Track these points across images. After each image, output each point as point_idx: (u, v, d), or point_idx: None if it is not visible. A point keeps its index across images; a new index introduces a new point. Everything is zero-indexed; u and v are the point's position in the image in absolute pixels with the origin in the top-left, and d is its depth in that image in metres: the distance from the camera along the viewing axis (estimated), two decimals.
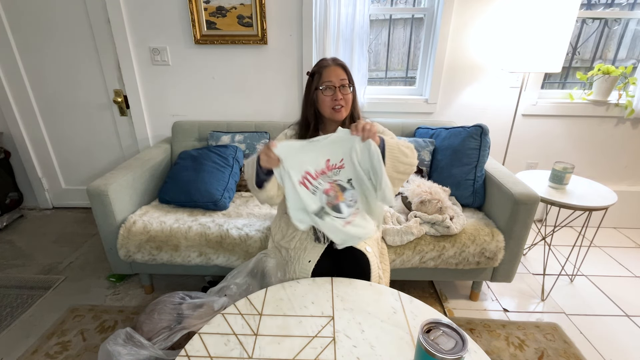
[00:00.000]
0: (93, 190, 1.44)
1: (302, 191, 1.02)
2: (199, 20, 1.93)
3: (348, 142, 1.01)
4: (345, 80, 1.17)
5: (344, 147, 1.02)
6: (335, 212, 1.02)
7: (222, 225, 1.49)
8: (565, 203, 1.55)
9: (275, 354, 0.81)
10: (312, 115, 1.22)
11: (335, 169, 1.05)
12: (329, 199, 1.03)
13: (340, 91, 1.15)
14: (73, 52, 2.09)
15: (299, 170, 1.02)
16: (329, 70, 1.16)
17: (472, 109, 2.15)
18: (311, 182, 1.03)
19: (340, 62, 1.19)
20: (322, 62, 1.20)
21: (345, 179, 1.04)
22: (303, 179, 1.03)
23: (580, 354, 1.38)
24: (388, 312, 0.94)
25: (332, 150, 1.03)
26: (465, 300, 1.68)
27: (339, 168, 1.04)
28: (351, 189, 1.04)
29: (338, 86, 1.15)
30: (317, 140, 1.03)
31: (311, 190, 1.03)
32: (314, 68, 1.21)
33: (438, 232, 1.44)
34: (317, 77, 1.18)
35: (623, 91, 2.10)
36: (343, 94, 1.16)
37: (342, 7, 1.84)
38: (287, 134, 1.30)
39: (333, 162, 1.04)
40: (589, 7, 2.08)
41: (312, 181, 1.03)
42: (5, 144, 2.30)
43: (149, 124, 2.22)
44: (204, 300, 1.19)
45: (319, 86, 1.17)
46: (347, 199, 1.03)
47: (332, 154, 1.04)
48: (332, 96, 1.16)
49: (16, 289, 1.72)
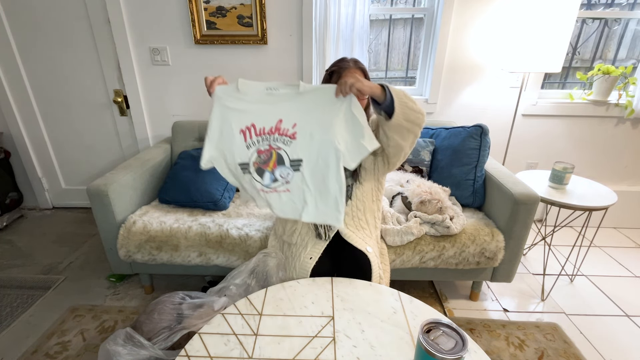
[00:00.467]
0: (93, 190, 1.44)
1: (238, 139, 0.94)
2: (199, 20, 1.93)
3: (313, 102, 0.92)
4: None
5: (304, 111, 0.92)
6: (257, 175, 0.95)
7: (222, 225, 1.49)
8: (565, 203, 1.55)
9: (275, 354, 0.81)
10: None
11: (284, 136, 0.94)
12: (258, 160, 0.95)
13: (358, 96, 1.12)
14: (73, 52, 2.09)
15: (244, 118, 0.93)
16: (348, 71, 1.12)
17: (472, 109, 2.15)
18: (252, 136, 0.95)
19: (362, 65, 1.15)
20: (342, 63, 1.15)
21: (294, 156, 0.94)
22: (246, 128, 0.94)
23: (580, 354, 1.38)
24: (388, 312, 0.94)
25: (289, 109, 0.93)
26: (465, 300, 1.68)
27: (290, 137, 0.94)
28: (290, 170, 0.94)
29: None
30: (276, 89, 0.93)
31: (247, 144, 0.95)
32: (333, 67, 1.16)
33: (438, 232, 1.44)
34: (335, 77, 1.13)
35: (623, 91, 2.10)
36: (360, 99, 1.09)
37: (342, 7, 1.84)
38: None
39: (285, 126, 0.94)
40: (589, 7, 2.08)
41: (254, 136, 0.95)
42: (5, 144, 2.30)
43: (149, 124, 2.22)
44: (204, 300, 1.19)
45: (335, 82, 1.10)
46: (276, 173, 0.95)
47: (287, 114, 0.93)
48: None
49: (16, 289, 1.72)
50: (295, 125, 0.94)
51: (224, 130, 0.95)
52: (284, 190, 0.94)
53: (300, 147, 0.94)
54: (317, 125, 0.93)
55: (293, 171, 0.95)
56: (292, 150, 0.94)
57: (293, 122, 0.94)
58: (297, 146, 0.94)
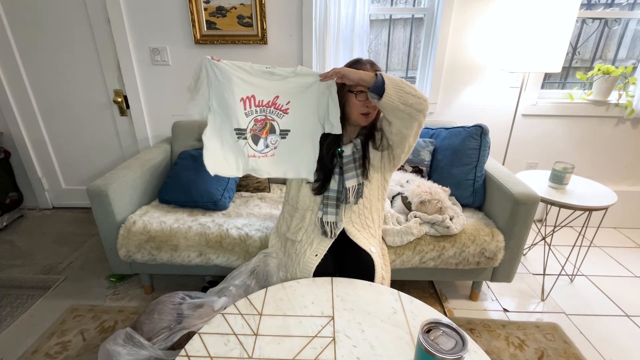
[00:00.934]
0: (93, 190, 1.44)
1: (239, 106, 1.07)
2: (199, 20, 1.93)
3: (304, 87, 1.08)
4: None
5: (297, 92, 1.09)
6: (252, 142, 1.10)
7: (222, 225, 1.49)
8: (565, 203, 1.55)
9: (275, 354, 0.81)
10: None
11: (278, 110, 1.11)
12: (255, 127, 1.10)
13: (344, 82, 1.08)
14: (73, 52, 2.09)
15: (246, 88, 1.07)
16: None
17: (472, 109, 2.15)
18: (251, 105, 1.09)
19: (377, 67, 1.13)
20: (359, 65, 1.12)
21: (283, 126, 1.12)
22: (247, 98, 1.08)
23: (580, 354, 1.38)
24: (388, 312, 0.94)
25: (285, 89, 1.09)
26: (465, 300, 1.68)
27: (283, 111, 1.11)
28: (279, 137, 1.12)
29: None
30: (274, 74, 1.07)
31: (246, 112, 1.09)
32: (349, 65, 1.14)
33: (438, 232, 1.44)
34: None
35: (623, 91, 2.10)
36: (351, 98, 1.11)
37: (342, 7, 1.84)
38: None
39: (280, 102, 1.10)
40: (589, 7, 2.08)
41: (252, 106, 1.09)
42: (5, 144, 2.30)
43: (149, 124, 2.22)
44: (204, 300, 1.19)
45: (352, 89, 1.10)
46: (268, 139, 1.11)
47: (283, 93, 1.09)
48: (364, 102, 1.10)
49: (16, 289, 1.72)
50: (289, 103, 1.11)
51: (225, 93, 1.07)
52: (271, 155, 1.12)
53: (290, 120, 1.12)
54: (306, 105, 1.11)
55: (280, 139, 1.12)
56: (283, 122, 1.12)
57: (287, 100, 1.10)
58: (288, 120, 1.12)
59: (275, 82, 1.08)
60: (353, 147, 1.17)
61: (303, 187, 1.21)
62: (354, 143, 1.18)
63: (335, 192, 1.18)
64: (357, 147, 1.17)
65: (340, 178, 1.17)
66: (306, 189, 1.21)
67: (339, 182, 1.17)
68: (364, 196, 1.20)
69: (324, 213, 1.18)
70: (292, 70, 1.08)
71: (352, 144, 1.18)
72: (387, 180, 1.26)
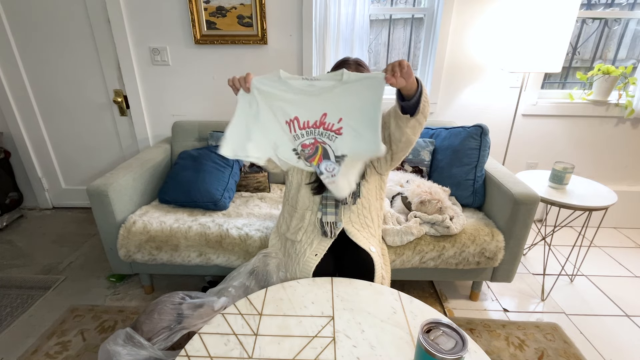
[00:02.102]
0: (93, 190, 1.44)
1: (285, 129, 0.89)
2: (199, 20, 1.93)
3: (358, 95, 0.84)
4: None
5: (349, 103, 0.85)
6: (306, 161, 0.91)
7: (222, 225, 1.49)
8: (565, 203, 1.55)
9: (275, 354, 0.81)
10: None
11: (330, 132, 0.88)
12: (303, 154, 0.90)
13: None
14: (73, 52, 2.09)
15: (287, 109, 0.88)
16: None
17: (472, 109, 2.15)
18: (296, 129, 0.90)
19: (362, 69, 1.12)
20: (344, 64, 1.13)
21: (338, 151, 0.88)
22: (290, 121, 0.89)
23: (580, 354, 1.38)
24: (388, 312, 0.94)
25: (333, 102, 0.86)
26: (465, 300, 1.68)
27: (336, 133, 0.87)
28: (336, 165, 0.87)
29: None
30: (317, 79, 0.86)
31: (293, 136, 0.91)
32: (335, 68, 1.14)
33: (438, 232, 1.44)
34: None
35: (623, 91, 2.10)
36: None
37: (342, 7, 1.84)
38: None
39: (330, 121, 0.88)
40: (589, 7, 2.08)
41: (297, 130, 0.90)
42: (5, 144, 2.30)
43: (149, 124, 2.22)
44: (204, 300, 1.19)
45: None
46: (322, 167, 0.89)
47: (331, 107, 0.86)
48: None
49: (16, 289, 1.72)
50: (341, 120, 0.87)
51: (266, 120, 0.90)
52: (330, 182, 0.90)
53: (345, 143, 0.88)
54: (362, 122, 0.85)
55: (338, 166, 0.89)
56: (337, 146, 0.88)
57: (338, 117, 0.87)
58: (343, 142, 0.88)
59: (318, 95, 0.87)
60: None
61: (302, 188, 1.21)
62: None
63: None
64: None
65: None
66: (305, 189, 1.21)
67: None
68: (362, 196, 1.20)
69: (323, 213, 1.18)
70: (338, 77, 0.85)
71: None
72: (384, 180, 1.26)
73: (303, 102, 0.87)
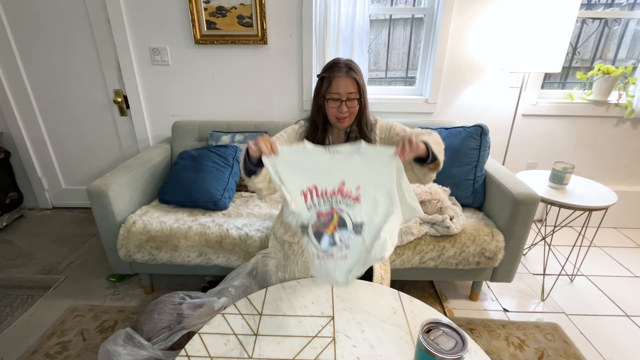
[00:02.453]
0: (93, 190, 1.44)
1: (299, 201, 0.89)
2: (199, 20, 1.93)
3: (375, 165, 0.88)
4: (354, 93, 1.10)
5: (366, 172, 0.89)
6: (315, 238, 0.87)
7: (222, 225, 1.49)
8: (565, 203, 1.55)
9: (275, 354, 0.81)
10: (320, 119, 1.17)
11: (348, 198, 0.89)
12: (317, 223, 0.88)
13: (347, 104, 1.10)
14: (73, 52, 2.09)
15: (307, 178, 0.90)
16: (339, 81, 1.09)
17: (472, 109, 2.15)
18: (313, 198, 0.90)
19: (353, 74, 1.10)
20: (333, 70, 1.11)
21: (357, 219, 0.87)
22: (307, 190, 0.90)
23: (580, 354, 1.38)
24: (388, 312, 0.94)
25: (352, 170, 0.90)
26: (465, 300, 1.68)
27: (354, 200, 0.89)
28: (352, 234, 0.85)
29: (344, 100, 1.10)
30: (338, 151, 0.90)
31: (308, 206, 0.90)
32: (325, 72, 1.13)
33: (438, 232, 1.44)
34: (326, 84, 1.11)
35: (623, 91, 2.10)
36: (349, 107, 1.11)
37: (342, 7, 1.84)
38: (296, 130, 1.24)
39: (348, 188, 0.89)
40: (589, 7, 2.08)
41: (315, 198, 0.90)
42: (5, 144, 2.30)
43: (149, 124, 2.22)
44: (204, 300, 1.19)
45: (325, 95, 1.12)
46: (336, 237, 0.86)
47: (350, 175, 0.89)
48: (337, 108, 1.11)
49: (16, 289, 1.72)
50: (359, 188, 0.89)
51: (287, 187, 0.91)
52: (342, 257, 0.85)
53: (364, 210, 0.88)
54: (380, 189, 0.89)
55: (355, 235, 0.86)
56: (355, 213, 0.88)
57: (357, 184, 0.89)
58: (362, 209, 0.88)
59: (338, 164, 0.90)
60: None
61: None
62: None
63: None
64: None
65: None
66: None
67: None
68: None
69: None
70: (357, 148, 0.90)
71: None
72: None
73: (322, 170, 0.90)
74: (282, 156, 0.91)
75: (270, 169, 0.90)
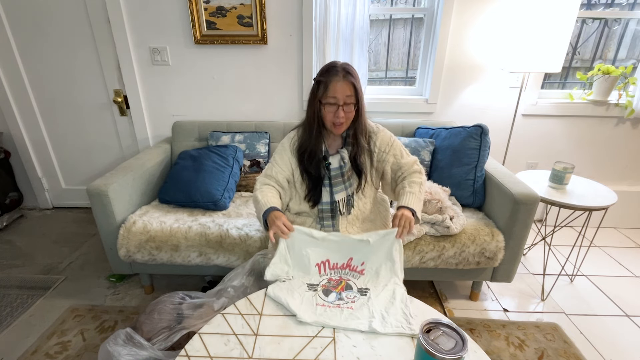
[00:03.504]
0: (93, 190, 1.44)
1: (314, 270, 1.09)
2: (199, 20, 1.93)
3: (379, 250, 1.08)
4: (351, 97, 1.08)
5: (370, 252, 1.08)
6: (323, 294, 1.01)
7: (222, 225, 1.49)
8: (565, 203, 1.55)
9: (275, 354, 0.81)
10: (315, 123, 1.15)
11: (354, 272, 1.09)
12: (328, 284, 1.05)
13: (343, 109, 1.09)
14: (73, 52, 2.09)
15: (321, 253, 1.10)
16: (336, 85, 1.07)
17: (472, 109, 2.15)
18: (326, 269, 1.10)
19: (351, 78, 1.08)
20: (330, 74, 1.09)
21: (361, 286, 1.05)
22: (322, 262, 1.10)
23: (580, 354, 1.38)
24: None
25: (358, 250, 1.09)
26: (465, 300, 1.68)
27: (359, 272, 1.09)
28: (358, 296, 1.00)
29: (341, 104, 1.08)
30: (346, 238, 1.10)
31: (321, 274, 1.09)
32: (321, 76, 1.11)
33: (438, 232, 1.44)
34: (322, 88, 1.09)
35: (623, 91, 2.10)
36: (345, 112, 1.09)
37: (342, 7, 1.84)
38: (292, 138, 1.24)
39: (355, 264, 1.10)
40: (589, 7, 2.08)
41: (327, 270, 1.10)
42: (5, 144, 2.30)
43: (149, 124, 2.22)
44: (204, 300, 1.19)
45: (322, 100, 1.10)
46: (343, 295, 1.01)
47: (357, 254, 1.10)
48: (334, 113, 1.10)
49: (16, 289, 1.72)
50: (364, 264, 1.09)
51: (300, 259, 1.10)
52: (348, 308, 0.97)
53: (367, 280, 1.07)
54: (381, 265, 1.09)
55: (360, 295, 1.02)
56: (360, 282, 1.07)
57: (362, 261, 1.10)
58: (365, 280, 1.07)
59: (348, 246, 1.09)
60: (340, 159, 1.18)
61: (303, 203, 1.24)
62: (340, 154, 1.18)
63: (328, 204, 1.19)
64: (344, 160, 1.17)
65: (330, 190, 1.19)
66: (306, 204, 1.23)
67: (330, 195, 1.19)
68: (358, 208, 1.22)
69: (321, 226, 1.20)
70: (366, 240, 1.08)
71: (339, 156, 1.18)
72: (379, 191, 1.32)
73: (335, 248, 1.10)
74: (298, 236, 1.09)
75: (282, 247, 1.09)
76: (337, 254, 1.10)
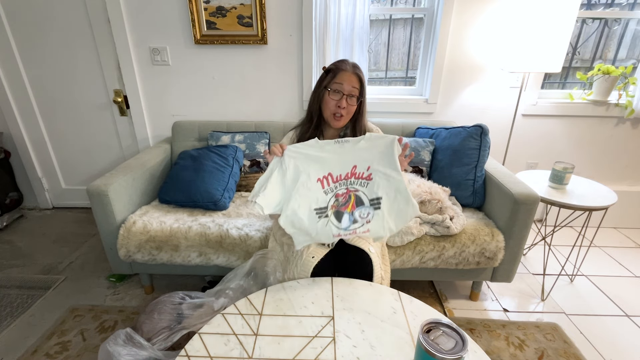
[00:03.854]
0: (93, 190, 1.44)
1: (316, 187, 0.99)
2: (199, 20, 1.93)
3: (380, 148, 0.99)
4: (356, 90, 1.13)
5: (374, 154, 1.00)
6: (335, 219, 0.96)
7: (222, 225, 1.49)
8: (565, 203, 1.55)
9: (275, 354, 0.81)
10: (316, 111, 1.19)
11: (360, 179, 1.01)
12: (337, 203, 0.98)
13: (347, 100, 1.12)
14: (73, 52, 2.09)
15: (320, 168, 1.00)
16: (345, 75, 1.12)
17: (472, 109, 2.15)
18: (329, 183, 1.01)
19: (360, 72, 1.15)
20: (341, 64, 1.15)
21: (372, 195, 0.98)
22: (323, 177, 1.01)
23: (580, 354, 1.38)
24: (388, 312, 0.94)
25: (360, 155, 1.01)
26: (465, 300, 1.68)
27: (366, 179, 1.00)
28: (371, 209, 0.96)
29: (346, 94, 1.12)
30: (346, 141, 1.01)
31: (325, 190, 1.01)
32: (332, 65, 1.16)
33: (438, 232, 1.44)
34: (330, 75, 1.14)
35: (623, 91, 2.10)
36: (348, 103, 1.13)
37: (342, 7, 1.84)
38: (290, 137, 1.26)
39: (360, 170, 1.01)
40: (589, 7, 2.08)
41: (331, 184, 1.01)
42: (5, 144, 2.30)
43: (149, 124, 2.22)
44: (204, 300, 1.19)
45: (328, 86, 1.14)
46: (355, 214, 0.96)
47: (360, 159, 1.01)
48: (337, 101, 1.13)
49: (16, 289, 1.72)
50: (370, 168, 1.00)
51: (299, 181, 1.00)
52: (365, 232, 0.95)
53: (377, 185, 0.99)
54: (388, 167, 1.01)
55: (374, 210, 0.97)
56: (370, 190, 0.99)
57: (367, 165, 1.01)
58: (374, 185, 0.99)
59: (347, 153, 1.02)
60: None
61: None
62: None
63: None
64: None
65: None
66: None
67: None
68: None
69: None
70: (362, 137, 1.02)
71: None
72: None
73: (335, 159, 1.01)
74: (296, 150, 1.00)
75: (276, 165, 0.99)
76: (338, 164, 1.02)
